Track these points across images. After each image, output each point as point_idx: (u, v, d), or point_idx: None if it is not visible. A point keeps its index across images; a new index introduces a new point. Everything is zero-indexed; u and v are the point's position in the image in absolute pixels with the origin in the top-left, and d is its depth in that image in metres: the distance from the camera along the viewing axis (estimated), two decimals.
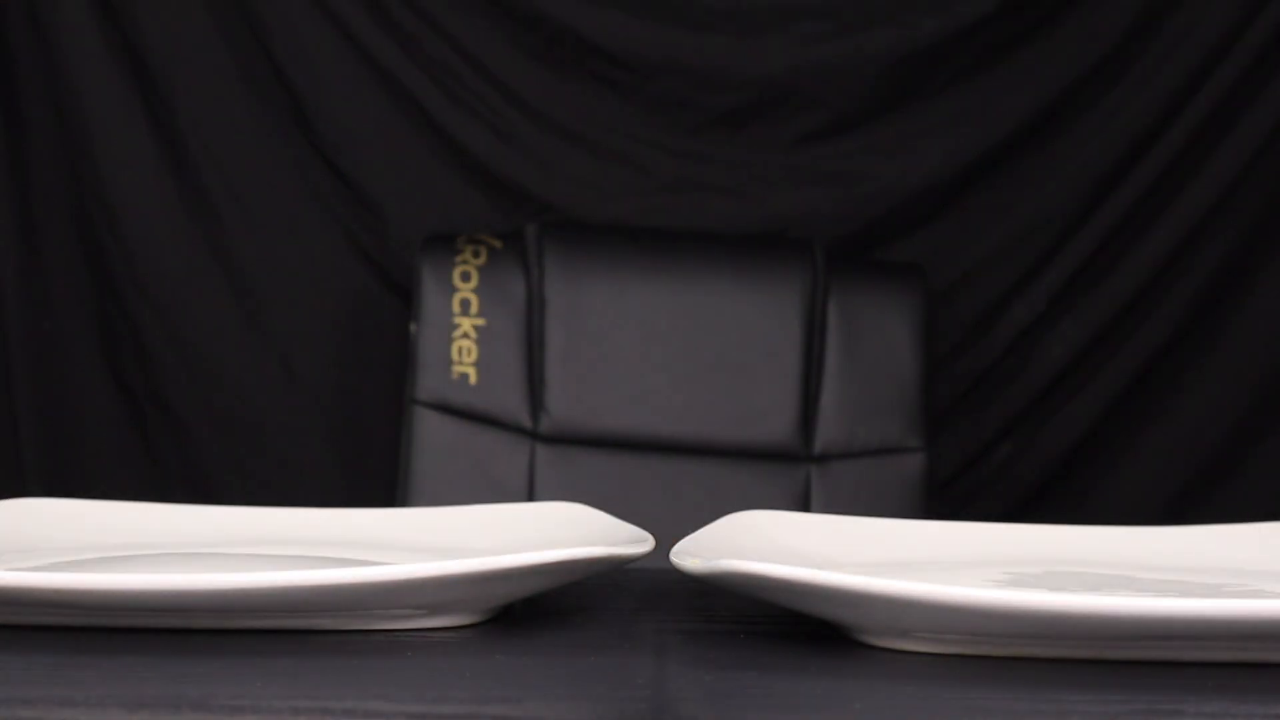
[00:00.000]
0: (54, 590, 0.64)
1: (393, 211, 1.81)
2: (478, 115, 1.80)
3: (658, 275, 1.66)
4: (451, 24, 1.80)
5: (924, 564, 0.79)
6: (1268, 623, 0.61)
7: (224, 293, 1.80)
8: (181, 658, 0.63)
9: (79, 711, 0.55)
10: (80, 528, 0.84)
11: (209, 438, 1.79)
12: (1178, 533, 0.85)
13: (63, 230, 1.79)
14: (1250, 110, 1.81)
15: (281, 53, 1.79)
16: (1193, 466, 1.85)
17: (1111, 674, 0.63)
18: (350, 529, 0.85)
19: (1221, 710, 0.58)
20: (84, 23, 1.75)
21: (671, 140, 1.82)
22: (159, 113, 1.78)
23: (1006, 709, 0.58)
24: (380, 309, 1.81)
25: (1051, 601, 0.61)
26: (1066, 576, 0.77)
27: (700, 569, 0.68)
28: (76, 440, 1.80)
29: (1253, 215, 1.83)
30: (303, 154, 1.81)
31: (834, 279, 1.67)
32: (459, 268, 1.64)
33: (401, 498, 1.61)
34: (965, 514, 1.77)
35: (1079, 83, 1.82)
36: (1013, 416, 1.84)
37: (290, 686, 0.59)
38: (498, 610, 0.71)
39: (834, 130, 1.82)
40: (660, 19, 1.80)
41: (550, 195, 1.81)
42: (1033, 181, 1.84)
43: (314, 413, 1.81)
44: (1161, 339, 1.83)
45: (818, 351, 1.65)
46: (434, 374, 1.62)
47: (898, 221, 1.83)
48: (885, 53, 1.80)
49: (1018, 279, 1.84)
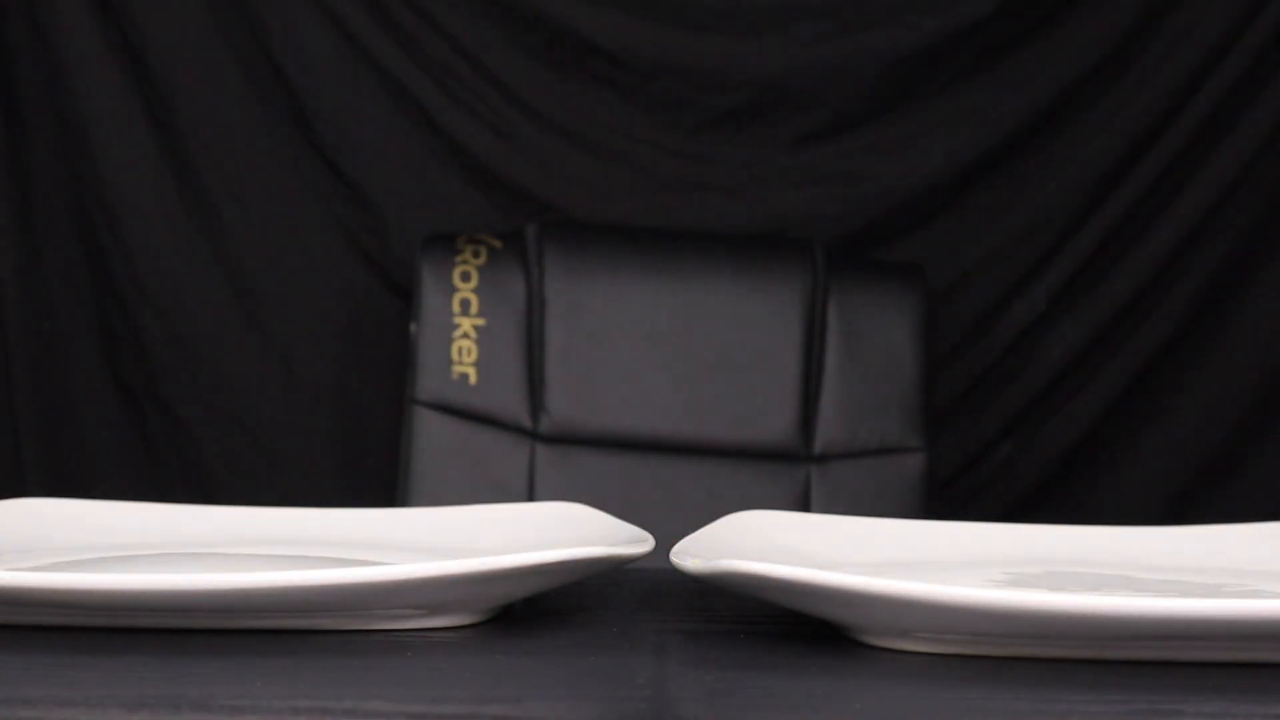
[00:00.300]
0: (54, 590, 0.64)
1: (393, 211, 1.81)
2: (478, 115, 1.80)
3: (658, 275, 1.66)
4: (451, 24, 1.80)
5: (924, 564, 0.79)
6: (1268, 623, 0.61)
7: (224, 293, 1.80)
8: (181, 658, 0.63)
9: (79, 711, 0.55)
10: (80, 528, 0.84)
11: (209, 438, 1.79)
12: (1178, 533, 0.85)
13: (63, 230, 1.79)
14: (1250, 110, 1.81)
15: (281, 53, 1.79)
16: (1193, 466, 1.85)
17: (1111, 674, 0.63)
18: (350, 529, 0.85)
19: (1221, 710, 0.58)
20: (84, 23, 1.75)
21: (671, 140, 1.82)
22: (159, 113, 1.78)
23: (1006, 709, 0.58)
24: (380, 309, 1.81)
25: (1051, 601, 0.61)
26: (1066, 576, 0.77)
27: (700, 569, 0.68)
28: (76, 440, 1.80)
29: (1253, 215, 1.83)
30: (303, 154, 1.81)
31: (834, 279, 1.67)
32: (459, 268, 1.64)
33: (401, 498, 1.61)
34: (965, 514, 1.77)
35: (1079, 83, 1.82)
36: (1013, 416, 1.84)
37: (290, 686, 0.59)
38: (498, 610, 0.71)
39: (834, 130, 1.82)
40: (660, 19, 1.80)
41: (550, 195, 1.81)
42: (1033, 181, 1.84)
43: (314, 413, 1.81)
44: (1161, 339, 1.83)
45: (818, 351, 1.65)
46: (434, 374, 1.62)
47: (898, 221, 1.83)
48: (885, 53, 1.80)
49: (1018, 279, 1.84)
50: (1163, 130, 1.81)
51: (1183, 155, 1.82)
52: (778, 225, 1.81)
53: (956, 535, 0.84)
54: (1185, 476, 1.84)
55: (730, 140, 1.82)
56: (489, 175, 1.81)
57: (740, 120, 1.81)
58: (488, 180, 1.81)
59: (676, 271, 1.66)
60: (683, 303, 1.65)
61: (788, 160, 1.82)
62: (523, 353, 1.64)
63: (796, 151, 1.82)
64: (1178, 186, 1.82)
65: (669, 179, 1.81)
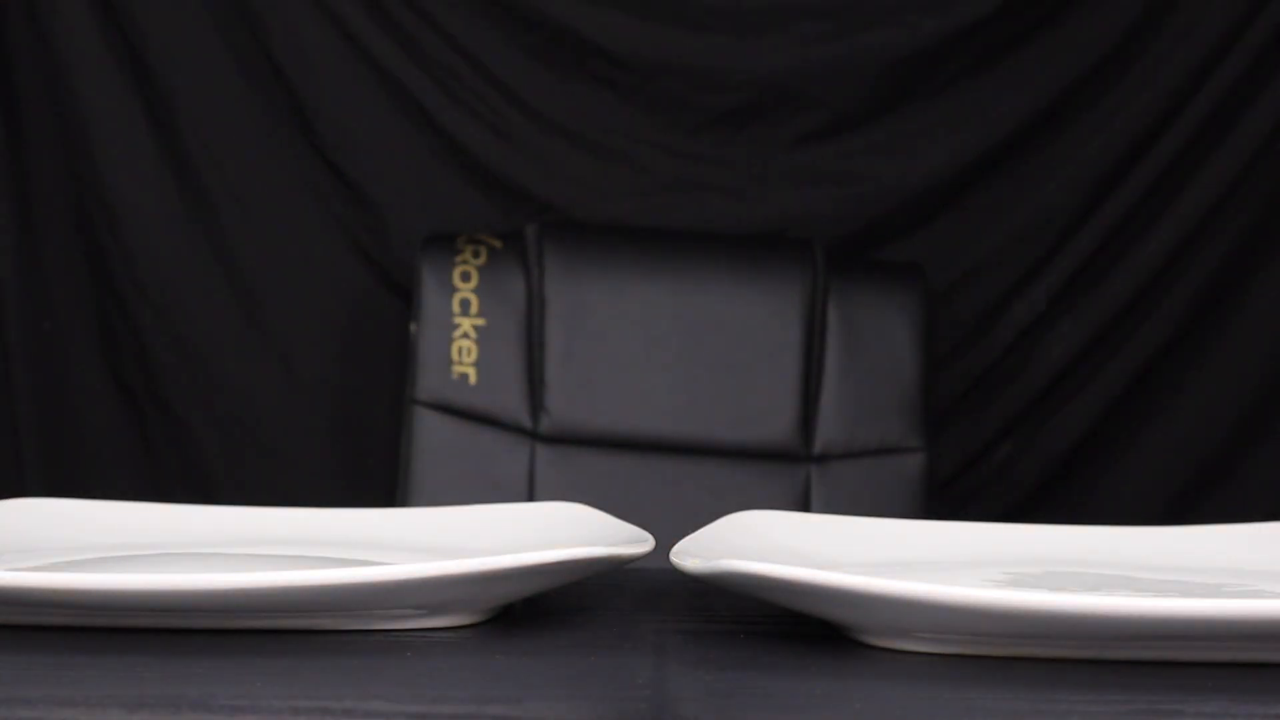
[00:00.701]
0: (54, 590, 0.64)
1: (393, 211, 1.81)
2: (478, 115, 1.80)
3: (658, 275, 1.66)
4: (451, 24, 1.80)
5: (924, 564, 0.79)
6: (1268, 623, 0.61)
7: (224, 293, 1.80)
8: (181, 658, 0.63)
9: (79, 711, 0.55)
10: (80, 528, 0.84)
11: (209, 438, 1.79)
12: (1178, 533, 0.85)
13: (63, 230, 1.79)
14: (1250, 110, 1.81)
15: (281, 53, 1.79)
16: (1193, 466, 1.85)
17: (1111, 674, 0.63)
18: (350, 529, 0.85)
19: (1221, 710, 0.58)
20: (84, 23, 1.75)
21: (671, 140, 1.82)
22: (159, 113, 1.78)
23: (1006, 709, 0.58)
24: (380, 309, 1.81)
25: (1051, 601, 0.61)
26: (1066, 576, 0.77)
27: (700, 569, 0.68)
28: (76, 440, 1.80)
29: (1253, 215, 1.83)
30: (303, 154, 1.81)
31: (834, 279, 1.67)
32: (459, 268, 1.64)
33: (401, 498, 1.61)
34: (965, 514, 1.77)
35: (1079, 83, 1.82)
36: (1013, 416, 1.84)
37: (290, 686, 0.59)
38: (498, 610, 0.71)
39: (834, 130, 1.82)
40: (660, 19, 1.80)
41: (550, 195, 1.81)
42: (1033, 181, 1.84)
43: (314, 413, 1.81)
44: (1161, 339, 1.83)
45: (818, 351, 1.65)
46: (434, 374, 1.62)
47: (898, 221, 1.83)
48: (885, 53, 1.80)
49: (1018, 279, 1.84)
50: (1163, 130, 1.81)
51: (1183, 155, 1.81)
52: (778, 225, 1.81)
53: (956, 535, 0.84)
54: (1185, 476, 1.84)
55: (730, 140, 1.82)
56: (489, 175, 1.81)
57: (740, 120, 1.81)
58: (488, 180, 1.81)
59: (676, 271, 1.66)
60: (683, 303, 1.65)
61: (788, 160, 1.82)
62: (523, 353, 1.64)
63: (796, 151, 1.82)
64: (1178, 186, 1.82)
65: (669, 179, 1.81)
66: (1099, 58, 1.82)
